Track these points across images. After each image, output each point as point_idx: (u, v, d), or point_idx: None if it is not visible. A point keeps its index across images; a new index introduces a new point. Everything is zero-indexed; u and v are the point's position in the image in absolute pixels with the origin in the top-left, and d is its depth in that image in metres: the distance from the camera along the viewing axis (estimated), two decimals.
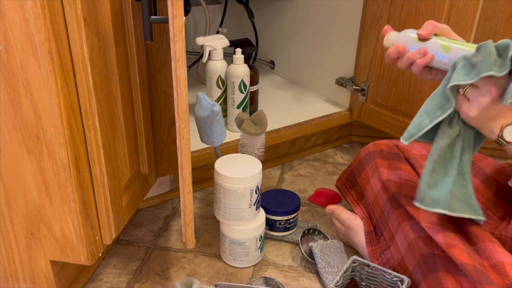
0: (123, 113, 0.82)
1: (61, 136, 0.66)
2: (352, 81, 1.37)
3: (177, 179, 1.20)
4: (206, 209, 1.18)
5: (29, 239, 0.76)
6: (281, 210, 1.03)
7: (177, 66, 0.66)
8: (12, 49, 0.62)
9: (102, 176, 0.75)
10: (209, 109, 0.89)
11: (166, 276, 0.96)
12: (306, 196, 1.20)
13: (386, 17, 1.22)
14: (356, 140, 1.53)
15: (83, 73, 0.67)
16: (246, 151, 1.02)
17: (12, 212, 0.74)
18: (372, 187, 0.98)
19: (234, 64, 1.20)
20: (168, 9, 0.64)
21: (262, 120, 0.99)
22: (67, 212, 0.72)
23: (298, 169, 1.37)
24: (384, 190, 0.94)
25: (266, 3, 1.46)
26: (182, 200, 0.78)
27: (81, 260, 0.77)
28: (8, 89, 0.64)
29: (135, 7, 0.82)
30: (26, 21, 0.59)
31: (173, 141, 1.04)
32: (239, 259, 0.97)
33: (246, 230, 0.95)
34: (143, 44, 0.88)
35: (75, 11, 0.63)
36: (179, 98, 0.69)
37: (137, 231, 1.09)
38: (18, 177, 0.71)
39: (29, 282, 0.81)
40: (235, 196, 0.90)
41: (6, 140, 0.68)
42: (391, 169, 0.96)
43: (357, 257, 0.87)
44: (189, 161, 0.74)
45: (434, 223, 0.81)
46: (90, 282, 0.94)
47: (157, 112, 0.99)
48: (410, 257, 0.84)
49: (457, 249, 0.75)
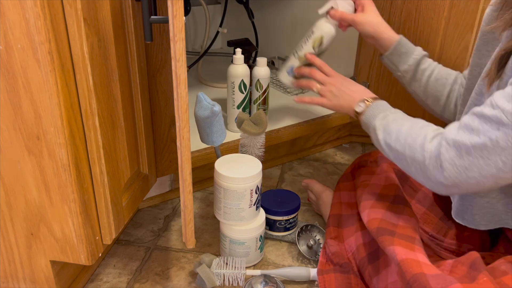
0: (123, 113, 0.82)
1: (61, 136, 0.66)
2: None
3: (177, 179, 1.20)
4: (206, 209, 1.18)
5: (29, 239, 0.76)
6: (281, 210, 1.03)
7: (177, 66, 0.66)
8: (12, 49, 0.62)
9: (102, 176, 0.75)
10: (209, 109, 0.89)
11: (166, 276, 0.96)
12: (306, 196, 1.20)
13: (386, 17, 1.22)
14: (356, 140, 1.53)
15: (83, 73, 0.67)
16: (246, 151, 1.02)
17: (12, 212, 0.74)
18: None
19: (234, 64, 1.20)
20: (168, 9, 0.64)
21: (262, 120, 0.99)
22: (67, 212, 0.72)
23: (298, 169, 1.37)
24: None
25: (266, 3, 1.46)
26: (182, 200, 0.78)
27: (81, 260, 0.77)
28: (8, 89, 0.64)
29: (135, 7, 0.82)
30: (26, 21, 0.59)
31: (173, 141, 1.04)
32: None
33: (246, 230, 0.95)
34: (143, 44, 0.88)
35: (75, 11, 0.63)
36: (179, 98, 0.69)
37: (137, 231, 1.09)
38: (18, 177, 0.71)
39: (29, 282, 0.81)
40: (235, 196, 0.90)
41: (6, 140, 0.68)
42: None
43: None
44: (189, 161, 0.74)
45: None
46: (90, 282, 0.94)
47: (157, 112, 0.99)
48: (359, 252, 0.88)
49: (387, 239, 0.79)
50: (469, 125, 0.69)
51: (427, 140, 0.74)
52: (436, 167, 0.72)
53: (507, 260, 0.73)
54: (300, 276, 0.94)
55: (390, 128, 0.81)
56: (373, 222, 0.84)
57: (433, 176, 0.73)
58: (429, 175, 0.73)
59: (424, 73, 1.00)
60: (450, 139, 0.71)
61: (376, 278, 0.81)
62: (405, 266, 0.72)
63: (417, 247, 0.76)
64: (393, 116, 0.84)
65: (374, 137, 0.85)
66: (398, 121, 0.82)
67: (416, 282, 0.69)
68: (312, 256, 1.00)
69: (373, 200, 0.89)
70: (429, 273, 0.70)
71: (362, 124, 0.89)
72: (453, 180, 0.70)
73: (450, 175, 0.70)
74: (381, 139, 0.82)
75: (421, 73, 1.00)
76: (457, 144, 0.69)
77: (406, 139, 0.77)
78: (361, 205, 0.90)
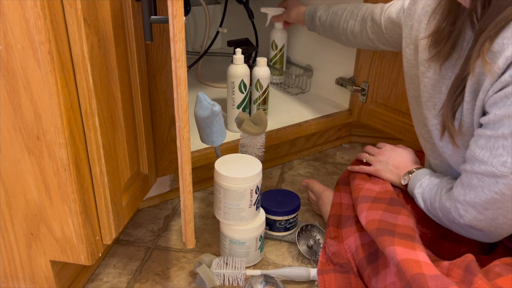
0: (123, 113, 0.82)
1: (61, 136, 0.66)
2: (352, 81, 1.37)
3: (177, 179, 1.20)
4: (206, 209, 1.18)
5: (29, 239, 0.76)
6: (281, 210, 1.03)
7: (177, 66, 0.66)
8: (12, 49, 0.62)
9: (102, 176, 0.75)
10: (209, 109, 0.89)
11: (166, 276, 0.96)
12: (306, 196, 1.20)
13: None
14: (356, 140, 1.53)
15: (83, 73, 0.67)
16: (246, 151, 1.02)
17: (12, 212, 0.74)
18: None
19: (234, 64, 1.20)
20: (168, 9, 0.64)
21: (262, 120, 0.99)
22: (67, 212, 0.72)
23: (298, 169, 1.37)
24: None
25: (266, 3, 1.46)
26: (182, 200, 0.78)
27: (81, 260, 0.77)
28: (8, 89, 0.64)
29: (135, 7, 0.82)
30: (26, 21, 0.59)
31: (173, 141, 1.04)
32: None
33: (246, 230, 0.95)
34: (143, 44, 0.88)
35: (75, 11, 0.63)
36: (179, 98, 0.69)
37: (137, 231, 1.09)
38: (18, 177, 0.71)
39: (29, 282, 0.81)
40: (235, 196, 0.90)
41: (6, 140, 0.68)
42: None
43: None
44: (189, 161, 0.74)
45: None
46: (90, 282, 0.94)
47: (157, 112, 0.99)
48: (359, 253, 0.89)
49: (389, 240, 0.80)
50: (470, 183, 0.74)
51: (449, 207, 0.80)
52: (469, 227, 0.77)
53: (502, 262, 0.74)
54: (300, 276, 0.94)
55: (425, 196, 0.87)
56: (372, 223, 0.84)
57: (471, 233, 0.79)
58: (468, 232, 0.79)
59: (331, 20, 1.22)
60: (462, 200, 0.76)
61: (375, 279, 0.81)
62: (405, 266, 0.72)
63: (417, 245, 0.76)
64: (427, 182, 0.88)
65: (419, 205, 0.89)
66: (430, 187, 0.87)
67: (415, 282, 0.70)
68: (312, 256, 1.00)
69: (369, 202, 0.90)
70: (428, 274, 0.70)
71: (410, 194, 0.94)
72: (488, 229, 0.76)
73: (483, 228, 0.76)
74: (422, 207, 0.88)
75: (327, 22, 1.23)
76: (471, 204, 0.75)
77: (435, 204, 0.84)
78: (358, 208, 0.91)
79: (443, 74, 0.80)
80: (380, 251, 0.81)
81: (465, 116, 0.76)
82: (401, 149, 1.02)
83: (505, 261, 0.74)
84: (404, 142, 1.17)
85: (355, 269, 0.88)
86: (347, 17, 1.17)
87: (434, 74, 0.82)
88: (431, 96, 0.84)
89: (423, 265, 0.72)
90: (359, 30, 1.14)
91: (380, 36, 1.10)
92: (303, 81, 1.55)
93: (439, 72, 0.81)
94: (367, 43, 1.15)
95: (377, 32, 1.10)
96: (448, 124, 0.78)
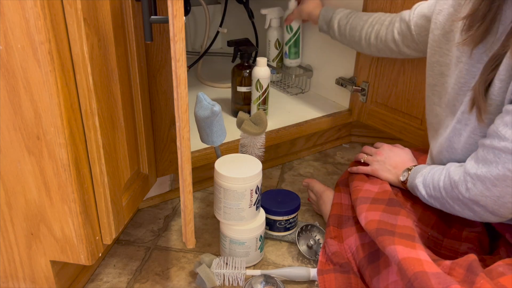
0: (123, 113, 0.82)
1: (61, 136, 0.66)
2: (352, 81, 1.37)
3: (177, 179, 1.20)
4: (206, 209, 1.18)
5: (29, 239, 0.76)
6: (281, 210, 1.03)
7: (177, 66, 0.66)
8: (12, 49, 0.62)
9: (102, 176, 0.75)
10: (209, 109, 0.89)
11: (166, 276, 0.96)
12: (306, 196, 1.20)
13: None
14: (356, 140, 1.53)
15: (83, 73, 0.67)
16: (246, 151, 1.02)
17: (12, 212, 0.74)
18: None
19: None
20: (168, 9, 0.64)
21: (262, 120, 0.99)
22: (67, 212, 0.72)
23: (298, 169, 1.37)
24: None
25: (266, 3, 1.46)
26: (182, 200, 0.78)
27: (81, 260, 0.77)
28: (8, 89, 0.64)
29: (135, 7, 0.82)
30: (26, 21, 0.59)
31: (173, 141, 1.04)
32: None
33: (246, 230, 0.95)
34: (143, 44, 0.88)
35: (75, 11, 0.63)
36: (179, 98, 0.69)
37: (137, 231, 1.09)
38: (18, 177, 0.71)
39: (29, 282, 0.81)
40: (235, 196, 0.90)
41: (6, 140, 0.68)
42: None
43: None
44: (189, 161, 0.74)
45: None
46: (90, 282, 0.94)
47: (157, 112, 0.99)
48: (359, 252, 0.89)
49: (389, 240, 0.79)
50: (486, 158, 0.73)
51: (457, 180, 0.79)
52: (472, 202, 0.76)
53: (505, 262, 0.74)
54: (300, 276, 0.94)
55: (427, 182, 0.86)
56: (371, 223, 0.84)
57: (474, 210, 0.78)
58: (471, 209, 0.78)
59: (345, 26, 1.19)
60: (472, 173, 0.75)
61: (377, 278, 0.81)
62: (406, 264, 0.72)
63: (417, 245, 0.76)
64: (428, 170, 0.88)
65: (419, 195, 0.88)
66: (432, 172, 0.86)
67: (417, 280, 0.70)
68: (312, 256, 1.00)
69: (368, 203, 0.90)
70: (431, 271, 0.70)
71: (409, 189, 0.93)
72: (492, 207, 0.75)
73: (487, 205, 0.75)
74: (424, 194, 0.87)
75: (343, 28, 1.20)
76: (480, 178, 0.74)
77: (439, 184, 0.83)
78: (357, 209, 0.91)
79: (478, 59, 0.78)
80: (381, 251, 0.81)
81: (495, 95, 0.74)
82: (398, 149, 1.02)
83: (508, 261, 0.74)
84: (404, 142, 1.17)
85: (355, 269, 0.88)
86: (373, 22, 1.15)
87: (468, 58, 0.80)
88: (466, 81, 0.81)
89: (425, 263, 0.72)
90: (384, 34, 1.12)
91: (406, 35, 1.07)
92: (303, 81, 1.55)
93: (472, 56, 0.79)
94: (391, 46, 1.12)
95: (404, 31, 1.07)
96: (479, 98, 0.76)
